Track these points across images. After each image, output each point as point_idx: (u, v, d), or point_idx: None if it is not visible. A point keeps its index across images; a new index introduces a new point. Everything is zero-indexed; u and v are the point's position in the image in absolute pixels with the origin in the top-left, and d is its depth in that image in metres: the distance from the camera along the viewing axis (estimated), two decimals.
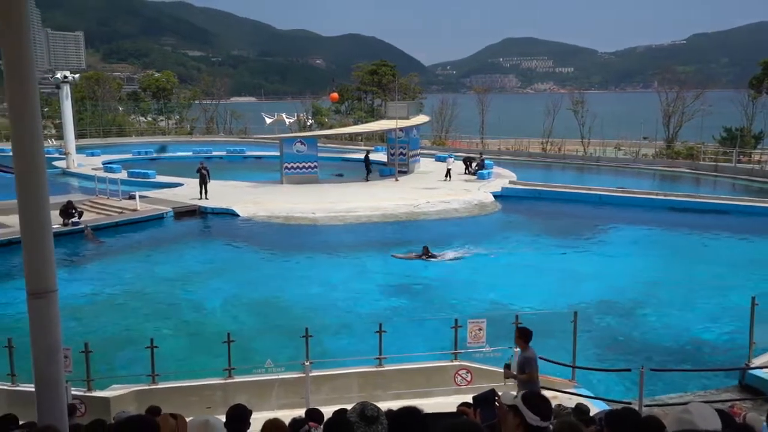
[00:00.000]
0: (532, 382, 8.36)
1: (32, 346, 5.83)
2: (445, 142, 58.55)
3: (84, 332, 13.99)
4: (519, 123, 62.44)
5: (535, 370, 8.45)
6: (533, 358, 8.48)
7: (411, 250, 21.62)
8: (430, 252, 20.94)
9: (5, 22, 5.39)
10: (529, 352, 8.50)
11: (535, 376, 8.43)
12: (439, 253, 21.15)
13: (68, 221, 24.02)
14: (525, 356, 8.48)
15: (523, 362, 8.45)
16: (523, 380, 8.35)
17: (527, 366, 8.39)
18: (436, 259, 20.75)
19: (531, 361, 8.40)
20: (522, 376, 8.41)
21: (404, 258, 20.97)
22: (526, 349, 8.53)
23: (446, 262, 20.65)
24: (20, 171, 5.63)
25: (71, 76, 42.88)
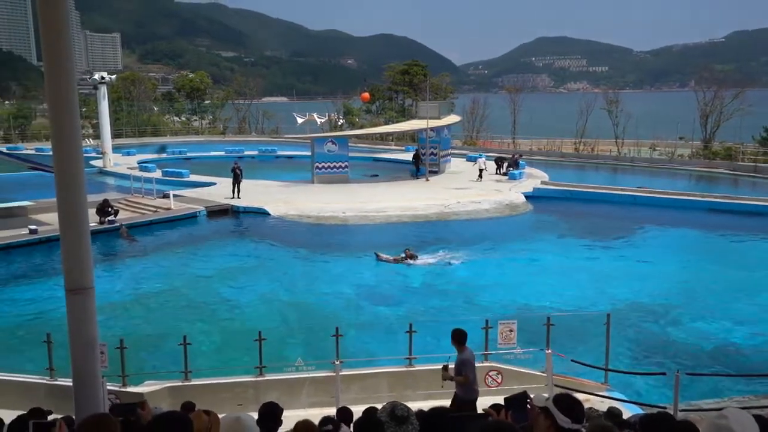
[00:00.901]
0: (468, 384, 8.28)
1: (70, 341, 5.96)
2: (476, 142, 58.27)
3: (119, 329, 14.26)
4: (551, 123, 61.79)
5: (471, 372, 8.35)
6: (469, 360, 8.40)
7: (440, 249, 21.50)
8: (411, 254, 20.40)
9: (47, 25, 5.51)
10: (466, 354, 8.41)
11: (471, 379, 8.32)
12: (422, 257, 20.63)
13: (104, 219, 24.50)
14: (461, 358, 8.39)
15: (460, 364, 8.37)
16: (460, 382, 8.28)
17: (463, 368, 8.32)
18: (413, 263, 20.16)
19: (467, 363, 8.33)
20: (458, 378, 8.34)
21: (386, 260, 20.53)
22: (463, 351, 8.44)
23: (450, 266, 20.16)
24: (59, 170, 5.76)
25: (108, 77, 43.74)
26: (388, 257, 20.63)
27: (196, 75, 79.48)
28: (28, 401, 9.12)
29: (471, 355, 8.48)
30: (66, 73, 5.62)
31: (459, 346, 8.46)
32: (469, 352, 8.44)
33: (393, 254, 20.72)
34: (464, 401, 8.41)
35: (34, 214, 25.92)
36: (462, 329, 8.59)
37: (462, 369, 8.34)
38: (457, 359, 8.49)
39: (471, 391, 8.42)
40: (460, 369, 8.37)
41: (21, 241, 22.27)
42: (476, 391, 8.55)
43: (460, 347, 8.46)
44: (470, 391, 8.41)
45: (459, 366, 8.40)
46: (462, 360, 8.39)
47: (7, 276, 19.80)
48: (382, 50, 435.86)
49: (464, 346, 8.45)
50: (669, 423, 3.78)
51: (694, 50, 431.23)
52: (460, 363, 8.38)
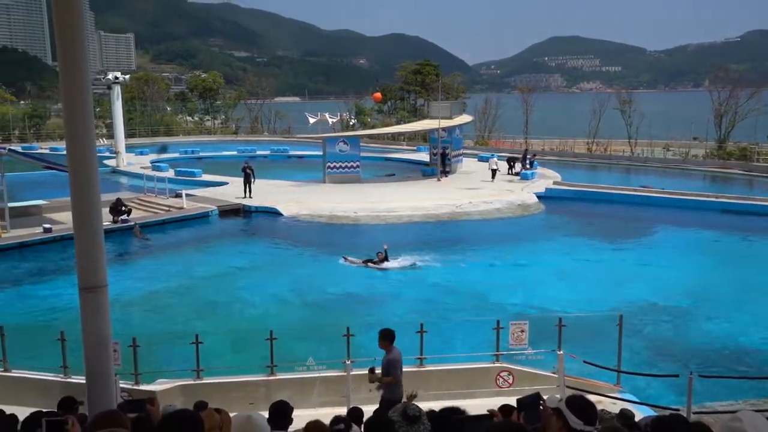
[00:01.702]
0: (395, 384, 8.23)
1: (83, 339, 6.01)
2: (488, 142, 58.12)
3: (132, 327, 14.35)
4: (564, 123, 61.55)
5: (398, 372, 8.30)
6: (397, 359, 8.34)
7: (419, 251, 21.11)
8: (385, 257, 19.91)
9: (61, 25, 5.56)
10: (393, 354, 8.35)
11: (398, 379, 8.27)
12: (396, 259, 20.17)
13: (118, 218, 24.67)
14: (388, 358, 8.33)
15: (387, 365, 8.31)
16: (387, 383, 8.24)
17: (391, 368, 8.26)
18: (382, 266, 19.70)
19: (395, 363, 8.27)
20: (386, 378, 8.29)
21: (354, 263, 20.26)
22: (390, 351, 8.38)
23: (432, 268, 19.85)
24: (73, 170, 5.80)
25: (122, 77, 44.07)
26: (356, 260, 20.39)
27: (209, 75, 79.86)
28: (42, 399, 9.22)
29: (398, 355, 8.45)
30: (80, 73, 5.67)
31: (388, 346, 8.38)
32: (396, 352, 8.39)
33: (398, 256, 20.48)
34: (390, 401, 8.34)
35: (48, 213, 26.15)
36: (390, 329, 8.50)
37: (390, 369, 8.30)
38: (384, 359, 8.43)
39: (396, 391, 8.36)
40: (387, 369, 8.33)
41: (35, 240, 22.48)
42: (401, 392, 8.47)
43: (388, 347, 8.39)
44: (396, 391, 8.35)
45: (386, 366, 8.35)
46: (389, 360, 8.33)
47: (21, 274, 20.00)
48: (394, 50, 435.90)
49: (392, 345, 8.39)
50: (681, 425, 3.75)
51: (709, 50, 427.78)
52: (387, 363, 8.33)
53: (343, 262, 20.44)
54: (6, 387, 10.51)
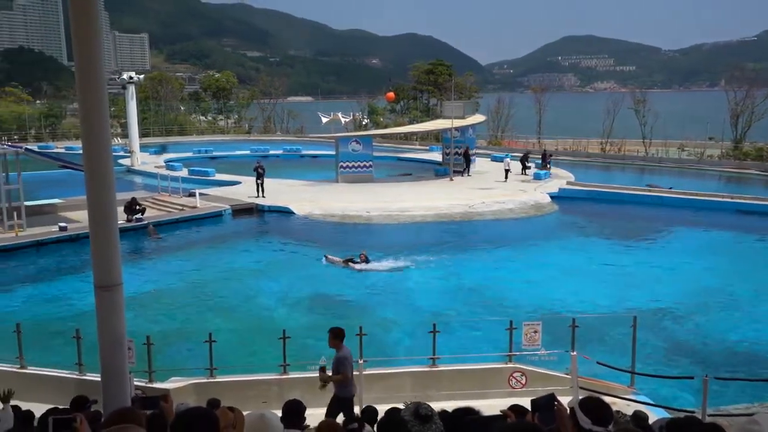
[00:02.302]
0: (346, 382, 8.32)
1: (99, 337, 6.06)
2: (501, 142, 57.96)
3: (146, 325, 14.45)
4: (577, 123, 61.27)
5: (349, 370, 8.39)
6: (347, 357, 8.44)
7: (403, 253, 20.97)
8: (366, 259, 19.96)
9: (77, 26, 5.60)
10: (343, 352, 8.46)
11: (349, 376, 8.36)
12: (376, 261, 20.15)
13: (132, 217, 24.84)
14: (338, 356, 8.46)
15: (337, 363, 8.44)
16: (338, 381, 8.34)
17: (341, 366, 8.38)
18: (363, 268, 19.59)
19: (344, 361, 8.38)
20: (336, 376, 8.41)
21: (334, 262, 20.25)
22: (341, 349, 8.50)
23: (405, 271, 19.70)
24: (89, 169, 5.85)
25: (136, 77, 44.39)
26: (336, 259, 20.39)
27: (222, 75, 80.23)
28: (58, 396, 9.30)
29: (348, 353, 8.57)
30: (96, 73, 5.72)
31: (338, 344, 8.52)
32: (346, 350, 8.53)
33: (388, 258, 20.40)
34: (342, 399, 8.51)
35: (64, 211, 26.39)
36: (341, 328, 8.64)
37: (340, 367, 8.43)
38: (335, 357, 8.58)
39: (348, 388, 8.50)
40: (338, 367, 8.47)
41: (51, 238, 22.69)
42: (353, 389, 8.61)
43: (339, 345, 8.52)
44: (347, 388, 8.48)
45: (336, 364, 8.50)
46: (338, 358, 8.48)
47: (37, 272, 20.20)
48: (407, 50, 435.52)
49: (342, 344, 8.52)
50: (696, 427, 3.73)
51: (725, 49, 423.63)
52: (337, 361, 8.47)
53: (324, 262, 20.45)
54: (22, 384, 10.59)
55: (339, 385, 8.45)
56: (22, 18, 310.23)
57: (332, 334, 8.58)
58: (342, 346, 8.57)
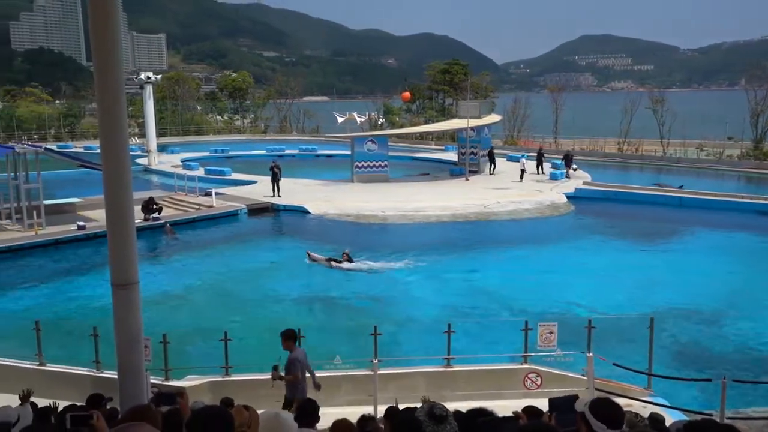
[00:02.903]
0: (296, 383, 8.37)
1: (116, 335, 6.12)
2: (517, 141, 57.71)
3: (162, 323, 14.55)
4: (594, 122, 60.75)
5: (299, 372, 8.42)
6: (298, 359, 8.47)
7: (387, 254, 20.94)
8: (348, 258, 19.91)
9: (96, 27, 5.66)
10: (295, 354, 8.51)
11: (298, 377, 8.40)
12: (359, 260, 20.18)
13: (149, 216, 25.05)
14: (289, 357, 8.51)
15: (288, 364, 8.51)
16: (289, 381, 8.41)
17: (292, 367, 8.44)
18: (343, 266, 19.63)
19: (295, 362, 8.43)
20: (287, 377, 8.46)
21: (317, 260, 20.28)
22: (293, 351, 8.55)
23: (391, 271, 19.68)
24: (107, 168, 5.91)
25: (154, 77, 44.71)
26: (319, 257, 20.42)
27: (239, 75, 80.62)
28: (75, 392, 9.40)
29: (300, 354, 8.62)
30: (114, 73, 5.77)
31: (290, 345, 8.58)
32: (299, 352, 8.59)
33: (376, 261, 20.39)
34: (289, 400, 8.58)
35: (82, 210, 26.68)
36: (292, 329, 8.72)
37: (291, 368, 8.51)
38: (287, 358, 8.65)
39: (298, 390, 8.55)
40: (289, 368, 8.55)
41: (69, 237, 22.95)
42: (304, 390, 8.64)
43: (291, 346, 8.59)
44: (298, 390, 8.54)
45: (288, 365, 8.58)
46: (289, 359, 8.55)
47: (56, 270, 20.43)
48: (423, 49, 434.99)
49: (295, 345, 8.60)
50: (713, 430, 3.68)
51: (745, 47, 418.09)
52: (288, 362, 8.56)
53: (308, 261, 20.49)
54: (41, 381, 10.73)
55: (289, 387, 8.57)
56: (42, 19, 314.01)
57: (284, 336, 8.69)
58: (295, 347, 8.67)
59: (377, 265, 20.09)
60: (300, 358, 8.55)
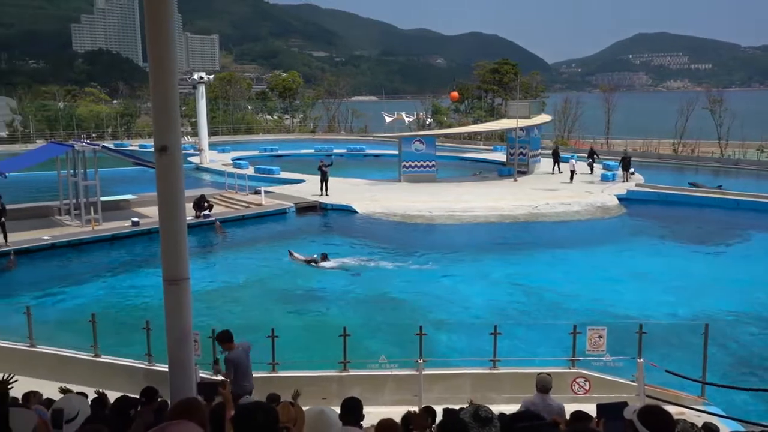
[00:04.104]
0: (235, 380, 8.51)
1: (167, 329, 6.26)
2: (568, 142, 56.78)
3: (211, 319, 14.85)
4: (648, 123, 59.24)
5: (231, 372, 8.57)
6: (231, 359, 8.62)
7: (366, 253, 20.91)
8: (327, 258, 20.28)
9: (153, 29, 5.80)
10: (231, 354, 8.66)
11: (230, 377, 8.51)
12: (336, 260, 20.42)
13: (200, 213, 25.57)
14: (225, 358, 8.73)
15: (225, 362, 8.73)
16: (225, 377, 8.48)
17: (225, 367, 8.67)
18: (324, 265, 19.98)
19: (228, 363, 8.62)
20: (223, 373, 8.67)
21: (297, 259, 20.52)
22: (230, 351, 8.70)
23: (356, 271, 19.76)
24: (161, 166, 6.05)
25: (207, 77, 45.64)
26: (300, 256, 20.57)
27: (289, 75, 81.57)
28: (128, 384, 9.67)
29: (236, 355, 8.75)
30: (169, 74, 5.91)
31: (228, 346, 8.74)
32: (234, 353, 8.69)
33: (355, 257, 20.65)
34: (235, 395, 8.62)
35: (136, 207, 27.43)
36: (227, 330, 8.88)
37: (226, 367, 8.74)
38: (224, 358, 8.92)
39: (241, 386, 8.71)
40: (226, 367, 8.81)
41: (124, 233, 23.62)
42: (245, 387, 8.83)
43: (229, 347, 8.74)
44: (240, 386, 8.69)
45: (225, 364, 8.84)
46: (225, 359, 8.76)
47: (112, 265, 21.05)
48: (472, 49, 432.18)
49: (231, 345, 8.74)
50: None
51: None
52: (225, 361, 8.81)
53: (290, 259, 20.76)
54: (95, 372, 11.09)
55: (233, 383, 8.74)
56: (102, 21, 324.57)
57: (219, 339, 8.92)
58: (233, 347, 8.82)
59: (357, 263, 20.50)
60: (234, 358, 8.76)
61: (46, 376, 10.46)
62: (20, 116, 65.36)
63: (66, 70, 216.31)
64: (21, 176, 31.12)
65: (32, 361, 11.54)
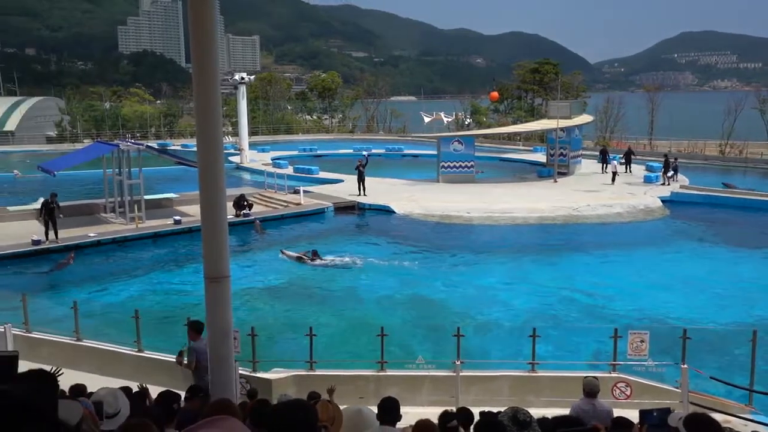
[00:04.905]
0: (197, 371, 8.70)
1: (207, 326, 6.37)
2: (610, 143, 55.74)
3: (250, 316, 15.04)
4: (694, 123, 57.84)
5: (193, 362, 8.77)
6: (196, 349, 8.76)
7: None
8: (318, 256, 20.56)
9: (196, 31, 5.90)
10: (197, 344, 8.83)
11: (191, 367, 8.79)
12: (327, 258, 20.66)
13: (240, 212, 25.91)
14: (190, 347, 8.94)
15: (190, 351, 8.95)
16: (188, 368, 8.88)
17: (190, 356, 8.86)
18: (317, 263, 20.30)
19: (192, 352, 8.84)
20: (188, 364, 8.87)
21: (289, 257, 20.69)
22: (196, 341, 8.87)
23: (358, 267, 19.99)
24: (203, 166, 6.15)
25: (247, 78, 46.18)
26: (291, 254, 20.71)
27: (328, 75, 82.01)
28: (169, 379, 9.86)
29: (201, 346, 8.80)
30: (211, 75, 6.00)
31: (194, 336, 8.96)
32: (199, 343, 8.80)
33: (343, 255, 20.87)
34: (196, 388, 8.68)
35: (178, 205, 27.93)
36: (197, 321, 8.97)
37: (189, 356, 8.95)
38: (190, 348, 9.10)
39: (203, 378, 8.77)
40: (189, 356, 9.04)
41: (167, 230, 24.08)
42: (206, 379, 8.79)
43: (194, 337, 8.95)
44: (202, 378, 8.77)
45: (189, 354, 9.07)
46: (189, 348, 8.96)
47: (155, 262, 21.48)
48: (512, 48, 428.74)
49: (198, 336, 8.89)
50: None
51: None
52: (189, 349, 9.02)
53: (281, 256, 21.07)
54: (138, 366, 11.33)
55: (194, 375, 9.02)
56: (147, 23, 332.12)
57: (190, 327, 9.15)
58: (198, 338, 9.02)
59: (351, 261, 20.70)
60: (198, 348, 8.93)
61: (90, 369, 10.74)
62: (68, 116, 67.18)
63: (112, 71, 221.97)
64: (69, 174, 32.04)
65: (78, 354, 11.86)
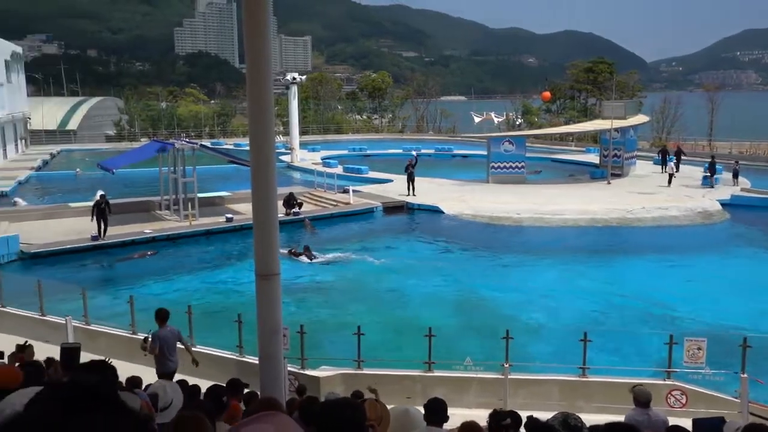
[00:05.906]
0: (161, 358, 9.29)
1: (258, 323, 6.46)
2: (667, 144, 54.20)
3: (299, 314, 15.19)
4: (757, 124, 55.70)
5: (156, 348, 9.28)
6: (160, 336, 9.33)
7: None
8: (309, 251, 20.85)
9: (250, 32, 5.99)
10: (159, 331, 9.41)
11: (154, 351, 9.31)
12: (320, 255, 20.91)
13: (290, 211, 26.23)
14: (154, 334, 9.43)
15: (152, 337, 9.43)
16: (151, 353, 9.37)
17: (153, 342, 9.36)
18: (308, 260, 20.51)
19: (155, 339, 9.36)
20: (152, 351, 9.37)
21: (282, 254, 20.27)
22: (162, 328, 9.45)
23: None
24: (255, 165, 6.25)
25: (299, 78, 46.71)
26: (282, 250, 20.13)
27: (378, 75, 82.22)
28: (220, 373, 10.04)
29: (163, 333, 9.46)
30: (264, 75, 6.08)
31: (159, 323, 9.52)
32: (162, 331, 9.43)
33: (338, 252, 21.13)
34: (160, 374, 9.14)
35: (230, 203, 28.47)
36: (163, 308, 9.68)
37: (153, 342, 9.45)
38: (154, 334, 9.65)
39: (164, 364, 9.44)
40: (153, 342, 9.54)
41: (219, 228, 24.57)
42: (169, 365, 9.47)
43: (160, 325, 9.51)
44: (164, 364, 9.43)
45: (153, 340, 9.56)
46: (153, 335, 9.47)
47: (207, 258, 21.95)
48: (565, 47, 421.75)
49: (163, 324, 9.51)
50: None
51: None
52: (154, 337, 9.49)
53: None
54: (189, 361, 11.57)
55: (158, 361, 9.44)
56: (202, 25, 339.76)
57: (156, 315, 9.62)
58: (164, 326, 9.54)
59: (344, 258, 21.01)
60: (162, 336, 9.45)
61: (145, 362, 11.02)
62: (126, 116, 69.28)
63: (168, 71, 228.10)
64: (126, 172, 33.03)
65: (134, 347, 12.19)
